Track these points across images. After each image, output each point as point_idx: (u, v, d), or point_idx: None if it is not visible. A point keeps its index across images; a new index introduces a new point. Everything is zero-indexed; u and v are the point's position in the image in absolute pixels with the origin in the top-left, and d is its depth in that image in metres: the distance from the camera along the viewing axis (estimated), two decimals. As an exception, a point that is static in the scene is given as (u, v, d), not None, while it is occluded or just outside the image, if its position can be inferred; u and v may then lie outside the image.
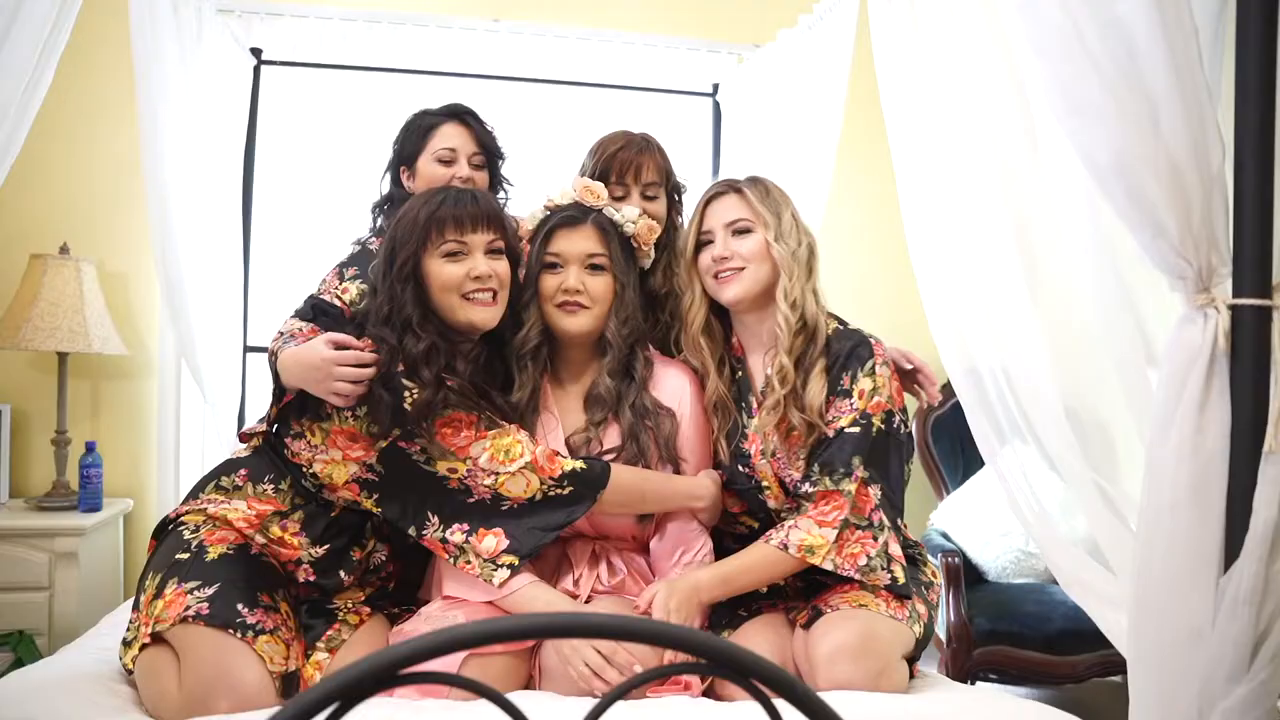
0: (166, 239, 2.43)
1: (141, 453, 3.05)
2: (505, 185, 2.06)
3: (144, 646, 1.48)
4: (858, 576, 1.57)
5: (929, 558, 1.81)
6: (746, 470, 1.71)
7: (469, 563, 1.56)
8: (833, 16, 2.50)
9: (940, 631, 2.76)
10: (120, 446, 3.04)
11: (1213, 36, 1.20)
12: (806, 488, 1.62)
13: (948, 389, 3.32)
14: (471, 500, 1.58)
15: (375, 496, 1.61)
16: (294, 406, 1.63)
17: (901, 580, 1.58)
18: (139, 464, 3.05)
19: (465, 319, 1.63)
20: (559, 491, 1.58)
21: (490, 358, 1.72)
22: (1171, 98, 1.09)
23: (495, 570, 1.54)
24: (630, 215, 1.79)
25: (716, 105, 3.34)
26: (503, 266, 1.66)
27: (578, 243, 1.72)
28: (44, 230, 2.91)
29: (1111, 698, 2.90)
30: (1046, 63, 1.15)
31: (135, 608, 1.58)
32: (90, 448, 2.80)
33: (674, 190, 2.01)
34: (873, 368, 1.63)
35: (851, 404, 1.62)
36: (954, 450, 3.23)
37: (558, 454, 1.60)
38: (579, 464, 1.59)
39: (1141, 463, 1.26)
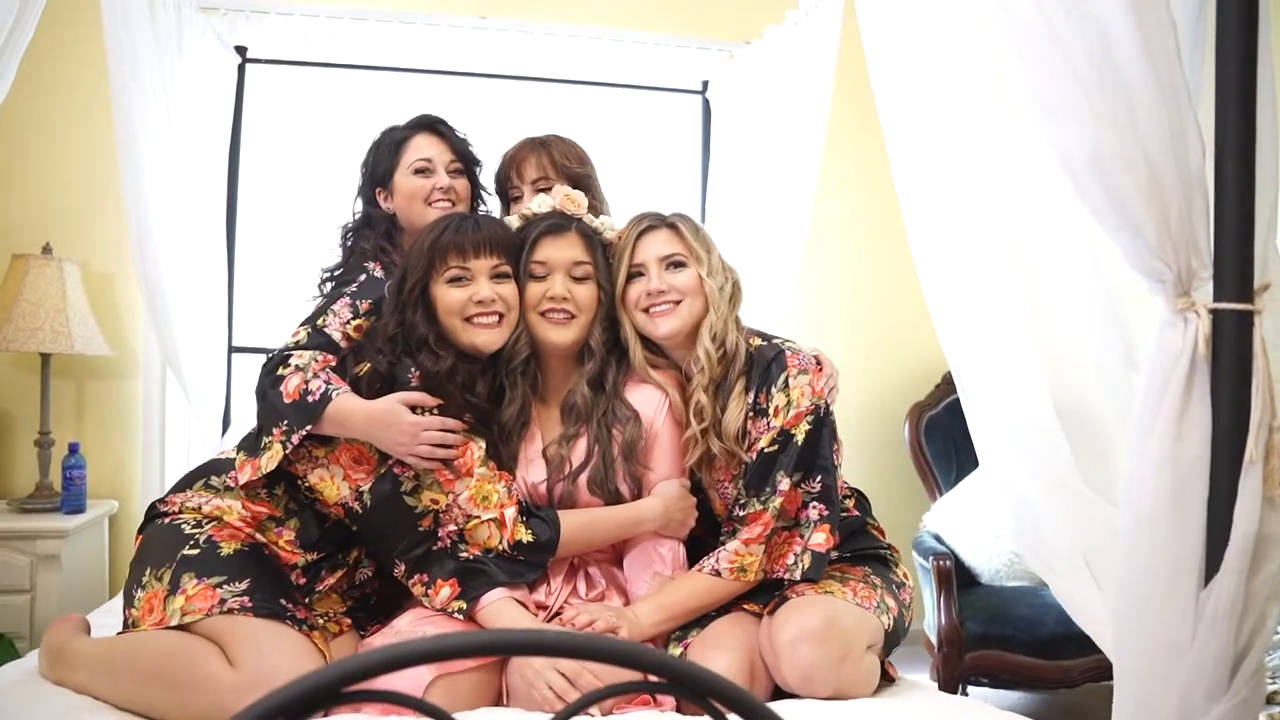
0: (145, 240, 2.39)
1: (127, 454, 3.03)
2: (484, 194, 2.02)
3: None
4: (788, 576, 1.61)
5: (900, 561, 1.82)
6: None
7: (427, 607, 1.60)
8: (819, 12, 2.46)
9: (931, 635, 2.74)
10: (106, 448, 3.02)
11: (1192, 32, 1.16)
12: (738, 511, 1.65)
13: (942, 389, 3.33)
14: (435, 548, 1.60)
15: (355, 529, 1.65)
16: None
17: (808, 565, 1.60)
18: (125, 465, 3.03)
19: (469, 341, 1.65)
20: (511, 555, 1.60)
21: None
22: (1149, 94, 1.05)
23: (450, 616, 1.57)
24: (608, 224, 1.78)
25: (706, 102, 3.31)
26: (508, 290, 1.67)
27: (564, 250, 1.70)
28: (27, 230, 2.88)
29: (1106, 703, 2.84)
30: (1021, 59, 1.12)
31: (129, 603, 1.55)
32: (73, 449, 2.78)
33: (577, 180, 1.95)
34: (785, 382, 1.64)
35: (768, 423, 1.64)
36: (947, 451, 3.19)
37: (520, 517, 1.60)
38: (528, 535, 1.60)
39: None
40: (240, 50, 2.98)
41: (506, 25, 3.22)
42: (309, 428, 1.56)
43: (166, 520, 1.63)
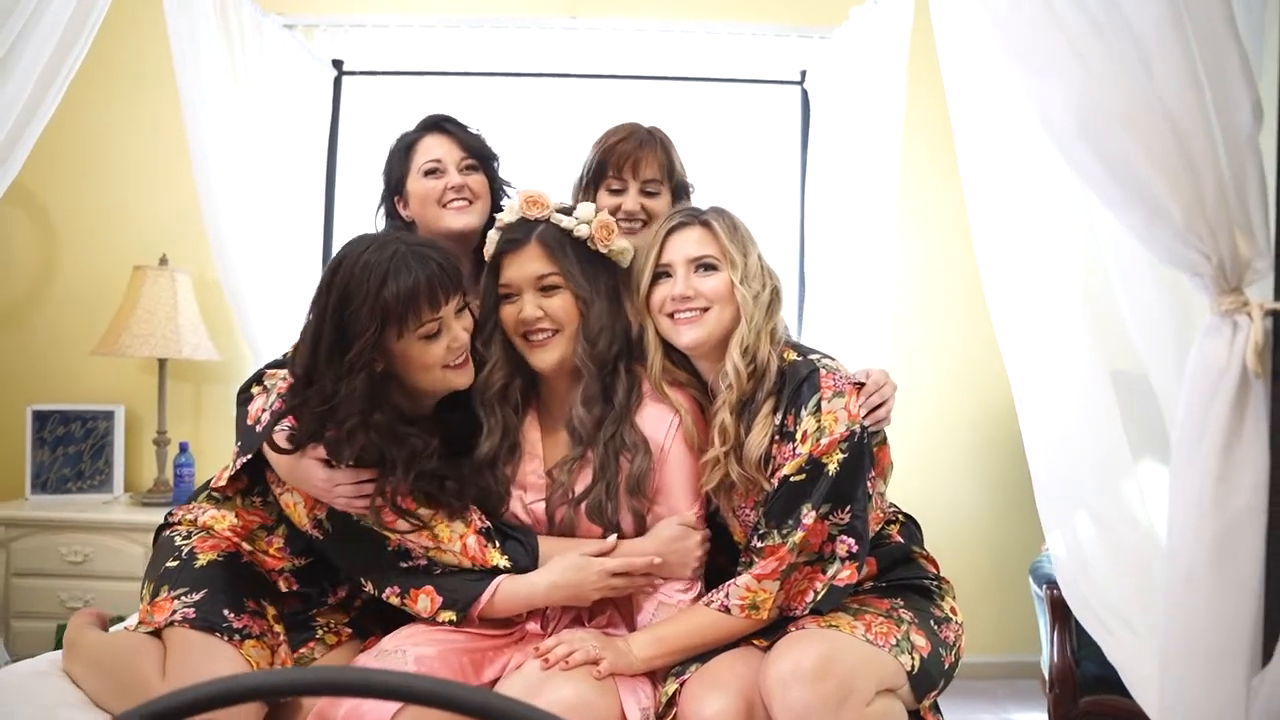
0: (224, 252, 2.49)
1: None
2: (506, 188, 1.94)
3: None
4: (802, 614, 1.46)
5: (950, 593, 1.61)
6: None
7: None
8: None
9: (1045, 673, 2.45)
10: (218, 447, 3.19)
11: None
12: (755, 542, 1.49)
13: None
14: (405, 565, 1.54)
15: (324, 550, 1.61)
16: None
17: (821, 598, 1.46)
18: (234, 464, 3.20)
19: (447, 388, 1.54)
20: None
21: (459, 418, 1.61)
22: (1165, 34, 0.82)
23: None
24: (583, 215, 1.59)
25: (804, 93, 3.10)
26: (467, 324, 1.55)
27: (525, 265, 1.56)
28: (147, 242, 3.11)
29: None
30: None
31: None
32: (183, 448, 2.97)
33: (679, 188, 1.89)
34: (817, 405, 1.46)
35: (794, 449, 1.46)
36: (1074, 469, 2.84)
37: (488, 542, 1.52)
38: (504, 560, 1.52)
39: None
40: (336, 64, 3.07)
41: (598, 24, 3.18)
42: (249, 456, 1.55)
43: (168, 532, 1.68)
